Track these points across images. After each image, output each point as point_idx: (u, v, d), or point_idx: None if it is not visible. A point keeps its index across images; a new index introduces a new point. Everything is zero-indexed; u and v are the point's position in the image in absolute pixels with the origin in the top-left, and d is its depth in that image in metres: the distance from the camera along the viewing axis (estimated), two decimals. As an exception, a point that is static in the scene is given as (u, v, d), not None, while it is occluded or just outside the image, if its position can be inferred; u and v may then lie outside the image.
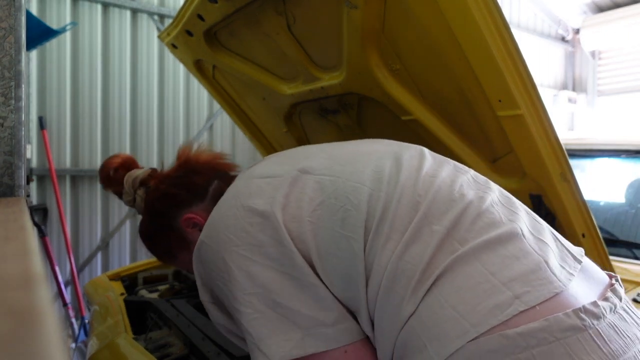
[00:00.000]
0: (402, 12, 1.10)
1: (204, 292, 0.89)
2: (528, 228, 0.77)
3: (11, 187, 1.11)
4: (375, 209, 0.77)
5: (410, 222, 0.75)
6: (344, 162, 0.87)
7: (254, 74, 1.66)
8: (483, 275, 0.69)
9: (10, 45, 1.06)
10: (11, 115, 1.08)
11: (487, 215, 0.76)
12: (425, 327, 0.69)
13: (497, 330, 0.65)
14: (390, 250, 0.74)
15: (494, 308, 0.67)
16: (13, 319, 0.28)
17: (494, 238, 0.73)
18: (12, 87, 1.08)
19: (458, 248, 0.72)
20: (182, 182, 1.05)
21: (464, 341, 0.66)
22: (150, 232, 1.09)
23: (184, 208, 1.01)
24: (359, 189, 0.80)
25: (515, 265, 0.70)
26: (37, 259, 0.43)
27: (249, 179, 0.90)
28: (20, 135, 1.12)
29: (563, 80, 7.62)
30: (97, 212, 3.90)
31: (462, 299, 0.68)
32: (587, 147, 2.13)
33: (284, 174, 0.86)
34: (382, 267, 0.74)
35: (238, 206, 0.84)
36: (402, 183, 0.79)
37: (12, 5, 1.05)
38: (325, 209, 0.80)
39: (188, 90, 4.29)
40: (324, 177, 0.84)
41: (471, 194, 0.79)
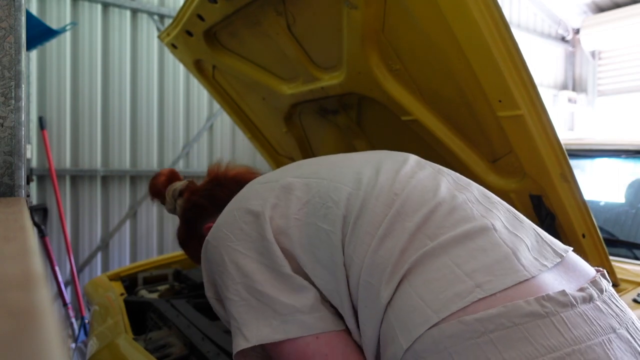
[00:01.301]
0: (402, 12, 1.10)
1: (209, 289, 0.96)
2: (503, 223, 0.80)
3: (11, 187, 1.11)
4: (353, 206, 0.83)
5: (384, 218, 0.80)
6: (331, 167, 0.96)
7: (254, 74, 1.66)
8: (449, 267, 0.73)
9: (10, 45, 1.06)
10: (11, 115, 1.08)
11: (459, 212, 0.80)
12: (397, 318, 0.72)
13: (456, 316, 0.68)
14: (367, 244, 0.79)
15: (454, 296, 0.70)
16: (13, 319, 0.28)
17: (463, 232, 0.76)
18: (12, 87, 1.08)
19: (428, 243, 0.76)
20: (207, 194, 1.20)
21: (426, 327, 0.69)
22: (183, 237, 1.23)
23: (208, 217, 1.15)
24: (340, 188, 0.87)
25: (481, 257, 0.73)
26: (37, 259, 0.43)
27: (251, 185, 1.01)
28: (20, 135, 1.12)
29: (563, 80, 7.62)
30: (97, 212, 3.90)
31: (428, 289, 0.72)
32: (587, 147, 2.13)
33: (278, 179, 0.96)
34: (360, 259, 0.78)
35: (238, 208, 0.93)
36: (381, 183, 0.85)
37: (12, 5, 1.05)
38: (310, 207, 0.87)
39: (188, 90, 4.29)
40: (311, 179, 0.93)
41: (444, 193, 0.83)
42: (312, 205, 0.87)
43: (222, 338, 1.25)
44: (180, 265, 2.16)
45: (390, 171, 0.89)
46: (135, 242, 4.12)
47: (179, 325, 1.36)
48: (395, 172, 0.88)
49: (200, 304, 1.66)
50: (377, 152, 1.02)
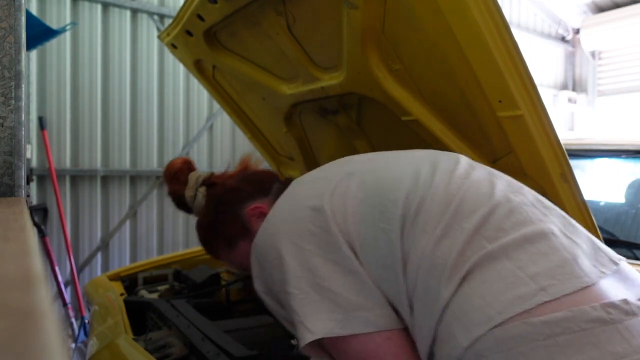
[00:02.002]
0: (402, 12, 1.10)
1: (259, 283, 0.96)
2: (560, 228, 0.81)
3: (11, 187, 1.11)
4: (411, 205, 0.84)
5: (442, 218, 0.81)
6: (384, 165, 0.96)
7: (254, 74, 1.66)
8: (510, 270, 0.74)
9: (10, 45, 1.06)
10: (11, 115, 1.09)
11: (517, 215, 0.81)
12: (455, 318, 0.74)
13: (521, 317, 0.69)
14: (424, 244, 0.80)
15: (517, 298, 0.71)
16: (13, 319, 0.28)
17: (523, 236, 0.77)
18: (12, 87, 1.08)
19: (486, 245, 0.77)
20: (247, 179, 1.20)
21: (489, 327, 0.70)
22: (213, 223, 1.18)
23: (249, 200, 1.15)
24: (397, 187, 0.87)
25: (542, 261, 0.75)
26: (37, 259, 0.43)
27: (302, 181, 1.02)
28: (20, 135, 1.12)
29: (563, 80, 7.62)
30: (97, 212, 3.90)
31: (489, 290, 0.73)
32: (587, 148, 2.13)
33: (331, 176, 0.96)
34: (417, 258, 0.80)
35: (292, 203, 0.95)
36: (436, 183, 0.86)
37: (12, 5, 1.05)
38: (366, 205, 0.87)
39: (188, 90, 4.29)
40: (367, 176, 0.92)
41: (500, 195, 0.84)
42: (368, 204, 0.87)
43: (222, 338, 1.25)
44: (180, 265, 2.16)
45: (445, 171, 0.89)
46: (135, 242, 4.12)
47: (179, 325, 1.36)
48: (450, 172, 0.88)
49: (200, 304, 1.66)
50: (428, 151, 1.02)
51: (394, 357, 0.81)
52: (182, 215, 4.30)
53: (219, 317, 1.57)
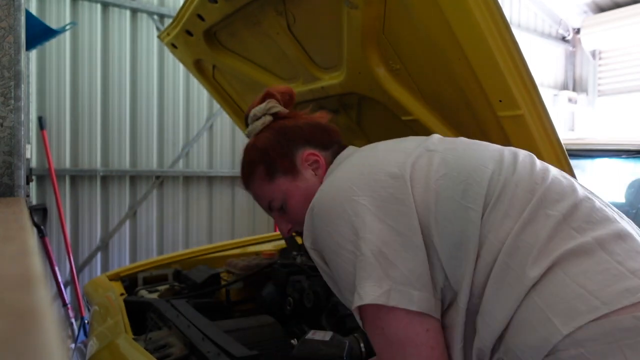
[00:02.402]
0: (402, 12, 1.10)
1: (309, 238, 0.96)
2: (632, 229, 0.85)
3: (11, 187, 1.11)
4: (495, 187, 0.84)
5: (527, 203, 0.82)
6: (464, 147, 0.95)
7: (254, 74, 1.66)
8: (610, 263, 0.76)
9: (9, 45, 1.06)
10: (11, 115, 1.08)
11: (601, 212, 0.83)
12: (550, 302, 0.74)
13: (629, 311, 0.71)
14: (509, 227, 0.80)
15: (625, 291, 0.72)
16: (13, 319, 0.28)
17: (613, 232, 0.80)
18: (12, 87, 1.08)
19: (576, 236, 0.79)
20: (317, 126, 1.15)
21: (595, 316, 0.71)
22: (266, 147, 1.12)
23: (311, 144, 1.12)
24: (482, 169, 0.87)
25: (638, 258, 0.77)
26: (37, 259, 0.43)
27: (374, 148, 1.01)
28: (19, 135, 1.12)
29: (563, 80, 7.62)
30: (96, 212, 3.89)
31: (590, 280, 0.74)
32: (588, 147, 2.13)
33: (410, 148, 0.95)
34: (499, 241, 0.80)
35: (365, 164, 0.93)
36: (519, 171, 0.86)
37: (12, 5, 1.05)
38: (448, 179, 0.87)
39: (188, 90, 4.29)
40: (449, 155, 0.92)
41: (581, 192, 0.86)
42: (450, 179, 0.87)
43: (222, 338, 1.24)
44: (180, 265, 2.16)
45: (527, 162, 0.90)
46: (135, 242, 4.11)
47: (179, 325, 1.36)
48: (531, 163, 0.90)
49: (200, 304, 1.66)
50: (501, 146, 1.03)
51: (430, 349, 0.81)
52: (182, 215, 4.31)
53: (219, 317, 1.57)
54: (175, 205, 4.28)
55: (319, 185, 1.04)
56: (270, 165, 1.11)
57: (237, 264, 1.97)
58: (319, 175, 1.09)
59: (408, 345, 0.81)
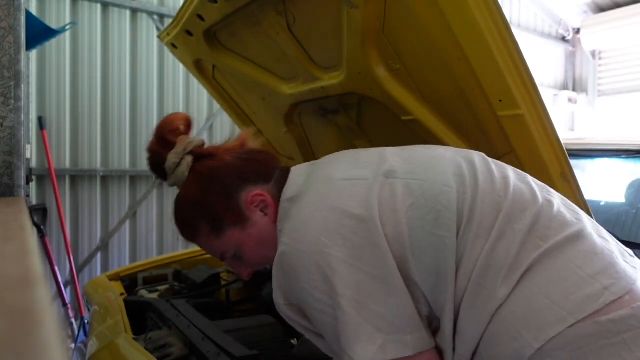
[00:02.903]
0: (402, 12, 1.10)
1: (280, 295, 0.90)
2: (592, 227, 0.85)
3: (11, 187, 1.11)
4: (463, 209, 0.83)
5: (495, 220, 0.82)
6: (423, 166, 0.91)
7: (254, 74, 1.66)
8: (571, 269, 0.77)
9: (9, 45, 1.06)
10: (11, 115, 1.08)
11: (560, 216, 0.84)
12: (519, 316, 0.75)
13: (591, 318, 0.72)
14: (480, 247, 0.80)
15: (587, 298, 0.74)
16: (13, 319, 0.28)
17: (570, 236, 0.81)
18: (12, 87, 1.08)
19: (541, 245, 0.79)
20: (250, 157, 1.02)
21: (563, 327, 0.72)
22: (202, 202, 0.99)
23: (250, 184, 0.99)
24: (447, 191, 0.85)
25: (596, 260, 0.78)
26: (37, 259, 0.43)
27: (331, 181, 0.90)
28: (19, 135, 1.12)
29: (563, 80, 7.62)
30: (96, 212, 3.89)
31: (554, 290, 0.75)
32: (588, 147, 2.13)
33: (369, 177, 0.89)
34: (472, 262, 0.80)
35: (327, 208, 0.85)
36: (482, 184, 0.86)
37: (12, 5, 1.05)
38: (416, 210, 0.84)
39: (188, 90, 4.29)
40: (410, 180, 0.88)
41: (541, 197, 0.86)
42: (419, 209, 0.84)
43: (222, 338, 1.24)
44: (180, 265, 2.16)
45: (485, 171, 0.89)
46: (135, 242, 4.11)
47: (179, 325, 1.36)
48: (489, 172, 0.88)
49: (200, 304, 1.66)
50: (449, 148, 1.01)
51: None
52: (182, 215, 4.30)
53: (219, 317, 1.57)
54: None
55: (271, 225, 0.97)
56: (215, 220, 0.98)
57: (237, 264, 1.97)
58: (270, 214, 0.99)
59: None
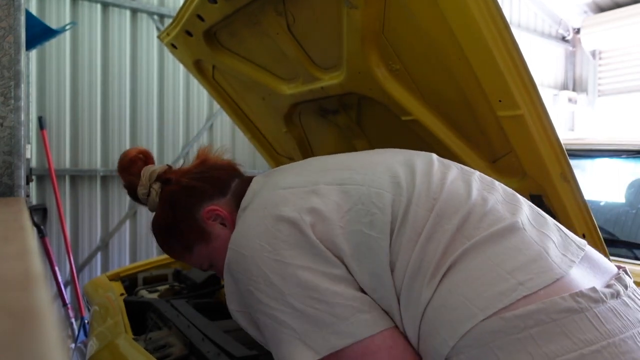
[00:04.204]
0: (402, 12, 1.10)
1: (232, 301, 0.93)
2: (530, 221, 0.84)
3: (11, 187, 1.11)
4: (397, 212, 0.84)
5: (426, 223, 0.82)
6: (362, 171, 0.93)
7: (254, 74, 1.66)
8: (488, 266, 0.76)
9: (9, 44, 1.06)
10: (11, 115, 1.09)
11: (493, 213, 0.83)
12: (438, 314, 0.75)
13: (499, 314, 0.71)
14: (410, 249, 0.81)
15: (499, 294, 0.73)
16: (13, 319, 0.28)
17: (496, 232, 0.80)
18: (12, 87, 1.08)
19: (465, 243, 0.79)
20: (204, 176, 1.08)
21: (473, 324, 0.72)
22: (168, 225, 1.08)
23: (206, 201, 1.05)
24: (382, 194, 0.86)
25: (517, 256, 0.77)
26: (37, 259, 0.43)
27: (274, 189, 0.95)
28: (19, 135, 1.12)
29: (563, 80, 7.62)
30: (96, 212, 3.89)
31: (470, 288, 0.75)
32: (587, 147, 2.13)
33: (306, 184, 0.92)
34: (403, 264, 0.81)
35: (266, 215, 0.88)
36: (418, 187, 0.86)
37: (12, 4, 1.05)
38: (353, 214, 0.86)
39: (188, 90, 4.29)
40: (347, 186, 0.90)
41: (476, 195, 0.86)
42: (356, 213, 0.85)
43: (222, 338, 1.25)
44: (180, 265, 2.16)
45: (424, 174, 0.89)
46: (135, 242, 4.11)
47: (179, 325, 1.36)
48: (428, 174, 0.89)
49: (200, 304, 1.66)
50: (396, 152, 1.02)
51: (391, 350, 0.80)
52: (182, 215, 4.30)
53: (219, 317, 1.57)
54: (175, 205, 4.28)
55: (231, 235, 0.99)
56: (182, 240, 1.07)
57: (237, 264, 1.97)
58: (229, 224, 1.03)
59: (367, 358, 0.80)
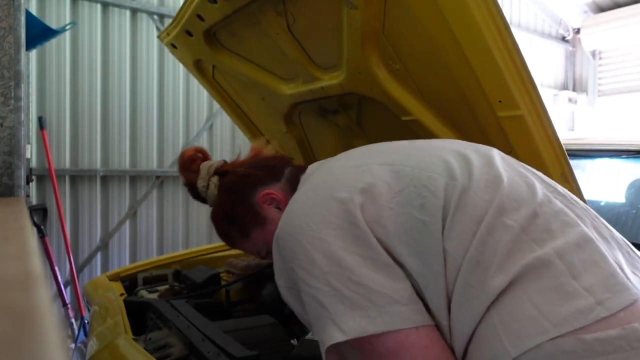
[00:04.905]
0: (402, 12, 1.10)
1: (279, 277, 0.94)
2: (599, 231, 0.81)
3: (11, 187, 1.11)
4: (451, 197, 0.80)
5: (485, 213, 0.78)
6: (416, 154, 0.92)
7: (254, 74, 1.66)
8: (565, 278, 0.72)
9: (9, 45, 1.06)
10: (11, 115, 1.09)
11: (561, 217, 0.79)
12: (503, 322, 0.72)
13: (575, 333, 0.68)
14: (468, 240, 0.77)
15: (577, 312, 0.69)
16: (13, 319, 0.28)
17: (573, 241, 0.76)
18: (12, 87, 1.08)
19: (535, 248, 0.74)
20: (258, 165, 1.15)
21: (543, 339, 0.68)
22: (226, 213, 1.14)
23: (261, 186, 1.10)
24: (436, 178, 0.83)
25: (595, 270, 0.73)
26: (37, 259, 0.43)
27: (328, 171, 0.97)
28: (19, 135, 1.12)
29: (563, 80, 7.62)
30: (96, 212, 3.89)
31: (545, 300, 0.71)
32: (588, 148, 2.13)
33: (359, 165, 0.92)
34: (459, 255, 0.77)
35: (317, 195, 0.90)
36: (476, 177, 0.83)
37: (12, 5, 1.05)
38: (404, 196, 0.83)
39: (188, 90, 4.29)
40: (400, 167, 0.88)
41: (541, 194, 0.82)
42: (407, 195, 0.83)
43: (222, 338, 1.24)
44: (180, 265, 2.16)
45: (482, 165, 0.85)
46: (135, 242, 4.11)
47: (179, 326, 1.36)
48: (487, 165, 0.85)
49: (200, 304, 1.66)
50: (454, 142, 0.98)
51: (426, 350, 0.77)
52: (182, 215, 4.30)
53: (219, 317, 1.57)
54: (175, 205, 4.28)
55: None
56: (240, 227, 1.12)
57: (237, 264, 1.97)
58: (283, 208, 1.04)
59: (402, 355, 0.77)
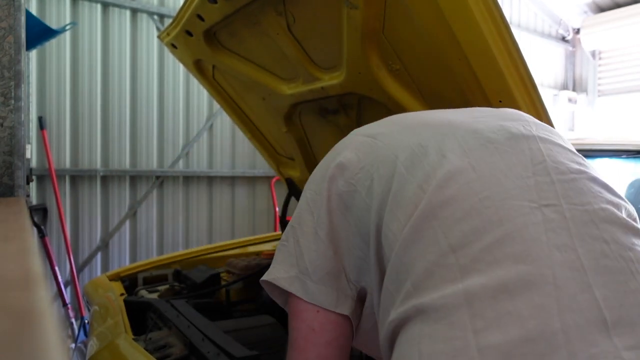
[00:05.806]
0: (402, 12, 1.10)
1: None
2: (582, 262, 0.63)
3: (11, 187, 1.11)
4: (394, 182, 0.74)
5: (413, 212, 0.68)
6: (403, 130, 0.83)
7: (254, 74, 1.66)
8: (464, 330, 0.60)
9: (9, 45, 1.06)
10: (11, 115, 1.09)
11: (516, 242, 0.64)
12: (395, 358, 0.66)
13: None
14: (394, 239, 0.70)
15: None
16: (13, 319, 0.28)
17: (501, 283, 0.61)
18: (12, 87, 1.08)
19: (457, 277, 0.62)
20: None
21: None
22: None
23: None
24: (391, 159, 0.77)
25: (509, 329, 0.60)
26: (37, 259, 0.43)
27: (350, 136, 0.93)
28: (20, 135, 1.12)
29: (563, 80, 7.62)
30: (96, 212, 3.89)
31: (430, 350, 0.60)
32: (588, 147, 2.13)
33: (357, 132, 0.92)
34: (388, 254, 0.71)
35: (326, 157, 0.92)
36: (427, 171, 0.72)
37: (12, 5, 1.05)
38: (363, 173, 0.80)
39: (188, 91, 4.29)
40: (376, 141, 0.83)
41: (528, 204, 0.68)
42: (364, 173, 0.80)
43: (222, 338, 1.25)
44: (180, 265, 2.16)
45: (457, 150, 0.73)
46: (135, 242, 4.11)
47: (179, 326, 1.36)
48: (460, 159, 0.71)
49: (200, 304, 1.66)
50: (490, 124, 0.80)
51: (312, 332, 0.78)
52: (182, 215, 4.30)
53: (219, 317, 1.57)
54: (175, 205, 4.28)
55: None
56: None
57: (237, 264, 1.97)
58: None
59: (294, 322, 0.81)
